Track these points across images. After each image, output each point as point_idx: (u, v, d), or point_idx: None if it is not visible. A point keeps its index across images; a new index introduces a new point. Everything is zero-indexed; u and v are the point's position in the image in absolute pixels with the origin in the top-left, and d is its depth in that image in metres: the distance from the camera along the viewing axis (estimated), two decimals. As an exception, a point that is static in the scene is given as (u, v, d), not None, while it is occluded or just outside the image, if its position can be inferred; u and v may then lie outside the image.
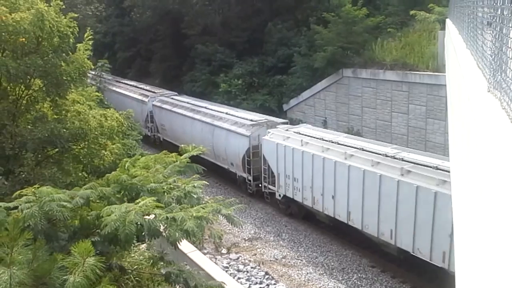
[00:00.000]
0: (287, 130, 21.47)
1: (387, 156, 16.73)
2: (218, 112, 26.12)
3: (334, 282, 16.60)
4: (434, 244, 14.35)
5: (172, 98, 31.53)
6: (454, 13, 14.47)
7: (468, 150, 3.73)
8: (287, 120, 24.93)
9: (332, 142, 18.86)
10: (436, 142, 23.12)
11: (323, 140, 19.22)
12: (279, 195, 21.18)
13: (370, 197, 16.33)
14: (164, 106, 30.52)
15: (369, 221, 16.62)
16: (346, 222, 17.66)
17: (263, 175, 21.97)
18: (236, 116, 24.88)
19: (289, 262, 18.16)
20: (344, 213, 17.61)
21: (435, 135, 23.22)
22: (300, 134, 20.55)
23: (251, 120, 23.67)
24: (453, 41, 10.57)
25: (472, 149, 3.42)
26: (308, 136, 20.13)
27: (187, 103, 29.59)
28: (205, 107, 27.70)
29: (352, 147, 18.07)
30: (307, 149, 19.00)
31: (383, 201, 15.90)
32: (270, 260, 18.36)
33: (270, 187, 21.72)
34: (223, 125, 24.30)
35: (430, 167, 15.22)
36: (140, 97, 33.70)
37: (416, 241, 14.99)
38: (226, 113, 25.63)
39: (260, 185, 22.55)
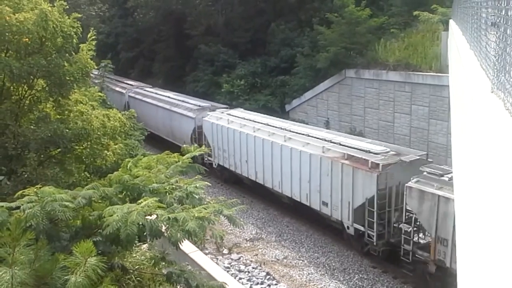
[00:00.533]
0: (222, 112, 26.79)
1: (281, 128, 22.17)
2: (175, 100, 31.07)
3: (336, 282, 16.58)
4: (302, 189, 19.69)
5: (145, 90, 36.02)
6: (458, 14, 14.44)
7: (471, 151, 3.71)
8: (227, 106, 29.26)
9: (250, 120, 24.28)
10: (439, 143, 23.07)
11: (244, 119, 24.76)
12: (215, 164, 26.22)
13: (267, 159, 21.62)
14: (137, 96, 35.02)
15: (267, 177, 21.86)
16: (255, 179, 22.77)
17: None
18: (188, 103, 29.80)
19: (290, 262, 18.14)
20: (253, 173, 22.86)
21: (438, 136, 23.17)
22: (229, 115, 25.80)
23: (198, 106, 28.79)
24: (457, 41, 10.55)
25: (475, 150, 3.40)
26: (234, 116, 25.55)
27: (155, 93, 34.25)
28: (168, 96, 32.32)
29: (261, 123, 23.47)
30: (231, 126, 24.35)
31: (274, 161, 21.21)
32: (272, 261, 18.35)
33: (209, 158, 26.65)
34: (177, 110, 29.22)
35: (304, 134, 20.75)
36: (119, 89, 37.46)
37: (292, 188, 20.30)
38: (182, 101, 30.50)
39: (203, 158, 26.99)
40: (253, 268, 17.84)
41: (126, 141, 13.57)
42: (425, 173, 15.19)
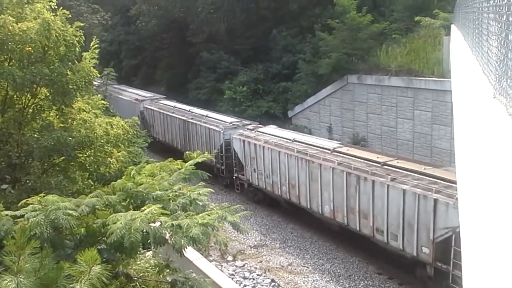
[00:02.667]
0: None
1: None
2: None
3: (341, 289, 16.51)
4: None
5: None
6: (459, 19, 14.48)
7: (474, 156, 3.71)
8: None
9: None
10: (442, 148, 23.03)
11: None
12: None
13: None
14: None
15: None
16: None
17: None
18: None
19: (295, 269, 18.09)
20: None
21: (441, 141, 23.13)
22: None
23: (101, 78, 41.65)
24: (458, 46, 10.57)
25: (478, 155, 3.40)
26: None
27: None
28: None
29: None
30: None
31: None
32: (276, 267, 18.30)
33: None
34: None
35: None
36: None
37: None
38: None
39: None
40: (257, 275, 17.79)
41: (130, 149, 13.58)
42: None
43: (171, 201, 7.11)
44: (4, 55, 10.20)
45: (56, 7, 11.00)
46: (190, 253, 11.49)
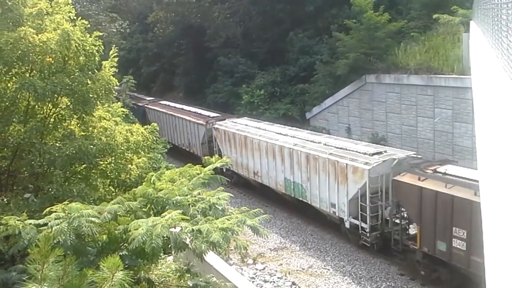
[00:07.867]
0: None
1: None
2: None
3: (364, 291, 16.36)
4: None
5: None
6: (478, 15, 14.27)
7: (496, 153, 3.65)
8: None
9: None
10: (464, 146, 22.68)
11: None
12: None
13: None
14: None
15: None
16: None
17: None
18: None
19: (316, 271, 17.99)
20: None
21: (462, 138, 22.78)
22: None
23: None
24: (478, 43, 10.41)
25: (499, 153, 3.35)
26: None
27: None
28: None
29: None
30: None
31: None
32: (297, 270, 18.22)
33: None
34: None
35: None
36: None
37: None
38: None
39: None
40: (278, 278, 17.74)
41: (149, 155, 13.69)
42: None
43: (190, 206, 7.16)
44: (25, 66, 10.39)
45: (75, 17, 11.19)
46: (211, 257, 11.52)
